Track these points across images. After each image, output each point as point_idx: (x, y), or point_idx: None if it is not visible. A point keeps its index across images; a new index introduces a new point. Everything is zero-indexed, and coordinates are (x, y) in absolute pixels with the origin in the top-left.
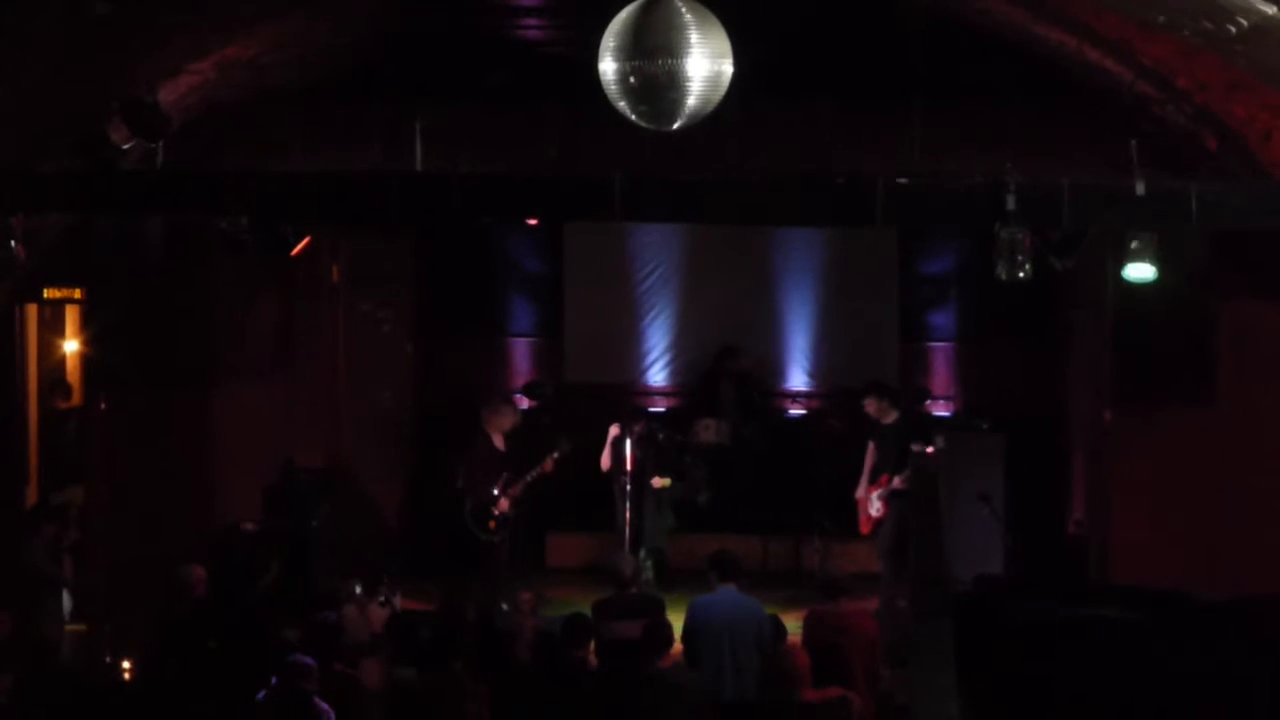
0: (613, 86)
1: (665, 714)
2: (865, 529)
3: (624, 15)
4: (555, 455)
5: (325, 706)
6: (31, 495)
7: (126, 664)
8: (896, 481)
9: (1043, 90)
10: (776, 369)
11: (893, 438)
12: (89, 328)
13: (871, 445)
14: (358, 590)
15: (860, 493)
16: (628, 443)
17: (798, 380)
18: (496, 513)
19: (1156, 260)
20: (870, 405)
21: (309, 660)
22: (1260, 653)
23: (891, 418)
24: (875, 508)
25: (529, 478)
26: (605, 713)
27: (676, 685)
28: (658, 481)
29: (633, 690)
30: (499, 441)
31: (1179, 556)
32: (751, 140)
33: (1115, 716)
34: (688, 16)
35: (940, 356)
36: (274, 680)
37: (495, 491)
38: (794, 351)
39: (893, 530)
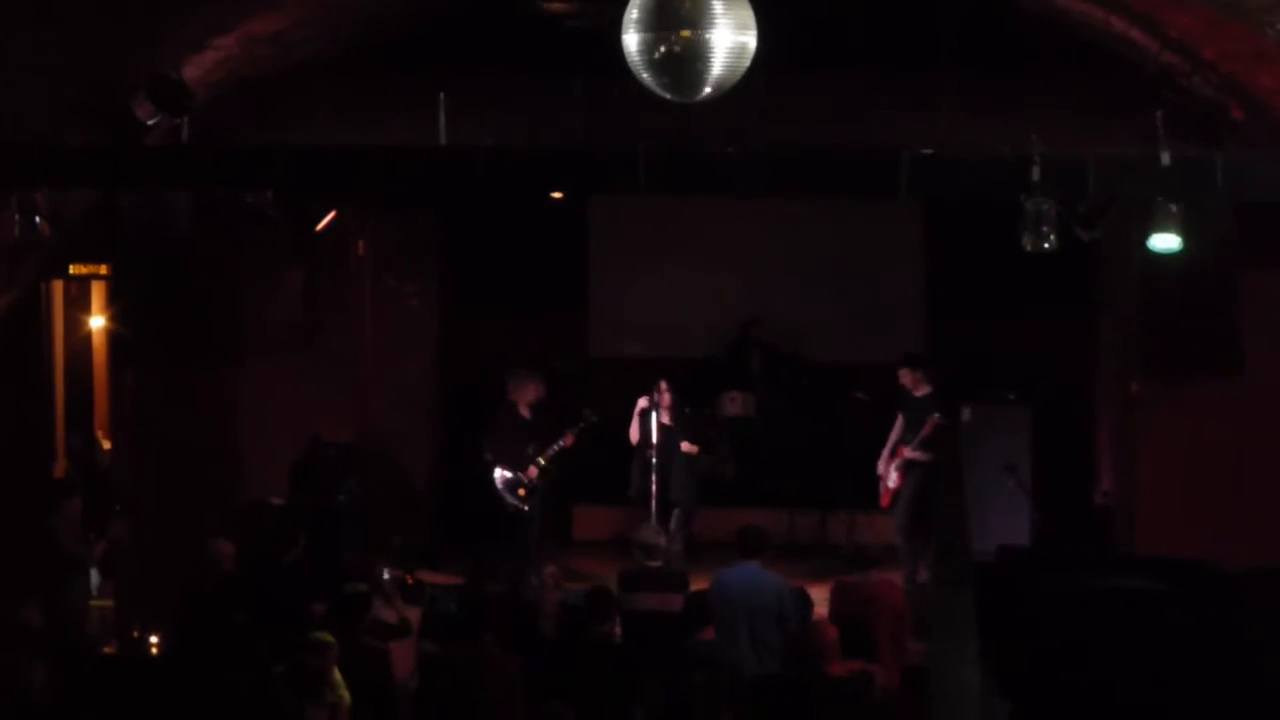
0: (636, 59)
1: (698, 689)
2: (885, 501)
3: None
4: (581, 425)
5: (340, 692)
6: (58, 472)
7: (154, 639)
8: (908, 451)
9: (1069, 61)
10: (803, 341)
11: (922, 411)
12: (115, 303)
13: (900, 418)
14: (385, 575)
15: (881, 466)
16: (654, 416)
17: (824, 352)
18: (526, 480)
19: (1182, 231)
20: (905, 376)
21: (330, 642)
22: None
23: (924, 390)
24: (892, 479)
25: (553, 449)
26: (631, 686)
27: (712, 661)
28: (687, 446)
29: (660, 664)
30: (524, 411)
31: (1206, 527)
32: (776, 112)
33: (1138, 686)
34: None
35: (967, 327)
36: (291, 656)
37: (525, 456)
38: (820, 323)
39: (908, 503)
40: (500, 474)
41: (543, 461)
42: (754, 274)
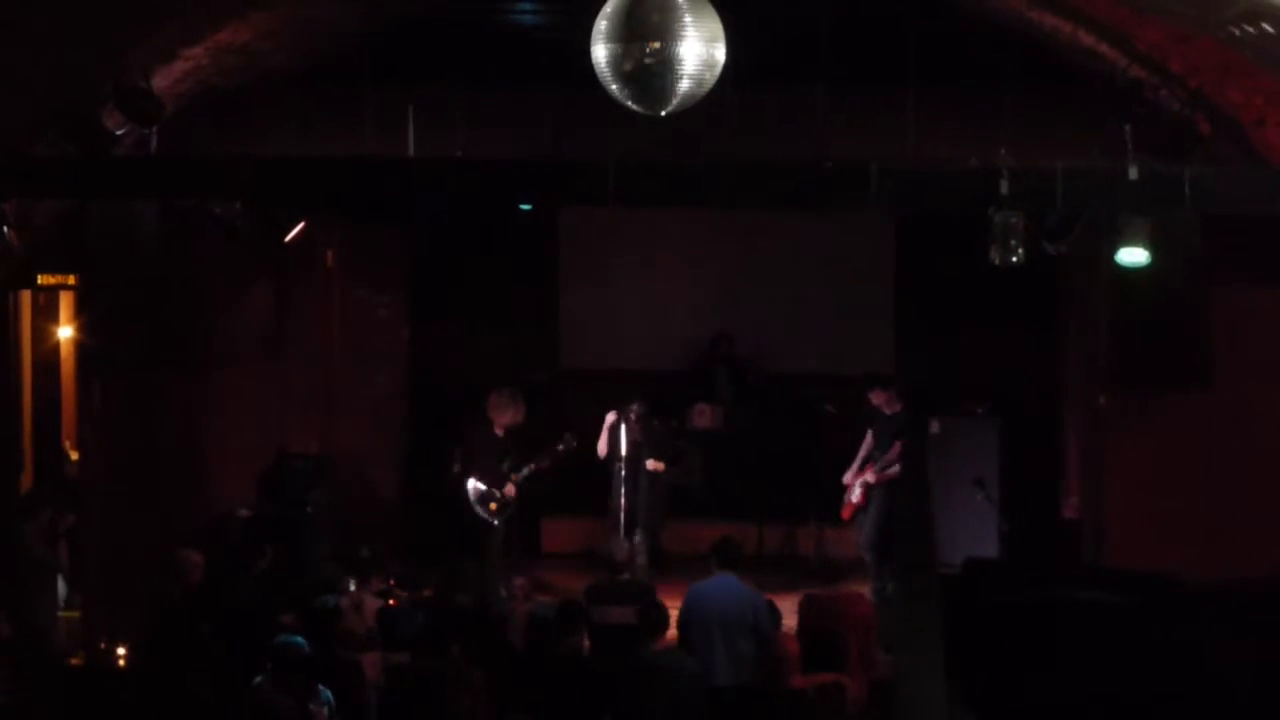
0: (605, 71)
1: (658, 699)
2: (845, 514)
3: None
4: (560, 449)
5: (324, 690)
6: (26, 481)
7: (121, 650)
8: (870, 476)
9: (1037, 75)
10: (771, 354)
11: (894, 427)
12: (83, 314)
13: (870, 434)
14: (352, 587)
15: (848, 477)
16: (623, 428)
17: (793, 365)
18: (500, 496)
19: (1150, 245)
20: (877, 397)
21: (302, 642)
22: (1247, 636)
23: (897, 407)
24: (856, 494)
25: (527, 470)
26: (600, 698)
27: (669, 670)
28: (653, 464)
29: (626, 675)
30: (499, 430)
31: (1174, 540)
32: (745, 125)
33: (1102, 698)
34: (681, 0)
35: (935, 341)
36: (270, 666)
37: (500, 473)
38: (789, 336)
39: (876, 517)
40: (474, 485)
41: (516, 482)
42: (723, 287)
